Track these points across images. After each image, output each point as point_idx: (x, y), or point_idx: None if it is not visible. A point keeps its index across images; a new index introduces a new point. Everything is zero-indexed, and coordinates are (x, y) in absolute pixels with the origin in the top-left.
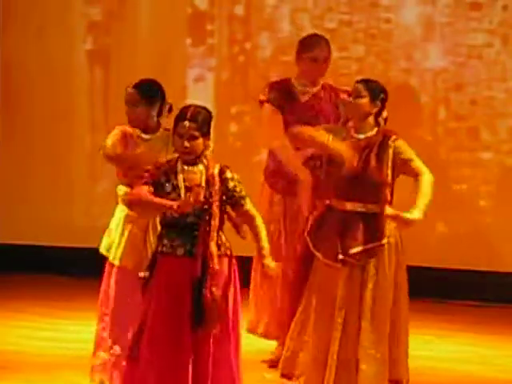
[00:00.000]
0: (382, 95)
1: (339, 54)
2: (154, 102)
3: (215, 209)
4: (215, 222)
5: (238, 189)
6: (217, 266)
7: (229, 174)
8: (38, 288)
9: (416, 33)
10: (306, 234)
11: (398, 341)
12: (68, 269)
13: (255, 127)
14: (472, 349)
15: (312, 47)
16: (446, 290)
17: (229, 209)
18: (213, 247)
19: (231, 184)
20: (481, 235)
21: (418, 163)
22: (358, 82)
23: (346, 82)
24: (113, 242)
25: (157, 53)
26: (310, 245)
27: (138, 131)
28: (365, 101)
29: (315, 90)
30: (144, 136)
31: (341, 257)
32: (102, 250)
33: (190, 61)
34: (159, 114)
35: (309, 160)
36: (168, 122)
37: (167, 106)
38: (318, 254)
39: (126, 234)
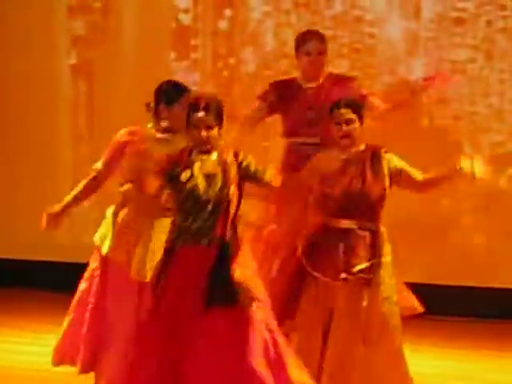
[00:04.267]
0: (362, 110)
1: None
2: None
3: (232, 195)
4: (232, 208)
5: (251, 166)
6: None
7: (241, 156)
8: (20, 302)
9: (400, 48)
10: (300, 253)
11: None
12: (51, 283)
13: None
14: (448, 363)
15: (305, 41)
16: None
17: (249, 185)
18: (234, 231)
19: (244, 163)
20: (462, 250)
21: (412, 170)
22: (342, 106)
23: None
24: (105, 232)
25: (140, 67)
26: (307, 265)
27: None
28: (355, 126)
29: (318, 83)
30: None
31: (344, 275)
32: (96, 239)
33: (173, 75)
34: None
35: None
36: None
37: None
38: (318, 274)
39: (116, 226)
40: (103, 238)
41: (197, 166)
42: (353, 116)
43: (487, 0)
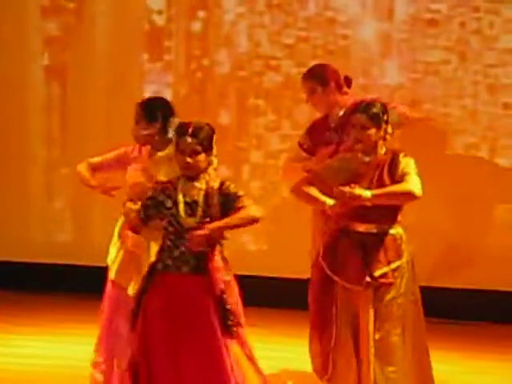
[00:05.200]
0: (384, 117)
1: (297, 70)
2: (154, 121)
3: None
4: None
5: (233, 191)
6: (227, 278)
7: (227, 184)
8: None
9: (373, 49)
10: (320, 258)
11: (421, 365)
12: (23, 284)
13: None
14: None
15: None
16: None
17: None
18: (218, 261)
19: (227, 191)
20: (438, 252)
21: (411, 178)
22: (359, 111)
23: (304, 98)
24: (114, 255)
25: (114, 68)
26: (327, 269)
27: (148, 148)
28: (371, 131)
29: (340, 115)
30: (153, 153)
31: (368, 279)
32: (108, 261)
33: (147, 77)
34: (164, 132)
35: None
36: None
37: (174, 123)
38: (337, 278)
39: (122, 250)
40: (112, 261)
41: (180, 192)
42: (367, 122)
43: (460, 1)
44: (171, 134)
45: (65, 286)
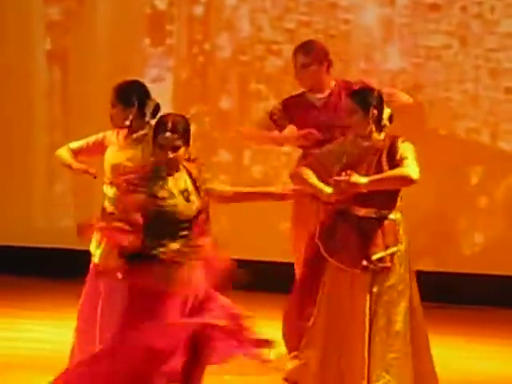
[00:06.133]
0: (373, 103)
1: None
2: (130, 105)
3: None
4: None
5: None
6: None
7: (203, 170)
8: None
9: (375, 34)
10: (316, 238)
11: (420, 351)
12: (24, 269)
13: (214, 127)
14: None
15: (293, 55)
16: None
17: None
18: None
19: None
20: (438, 235)
21: (408, 162)
22: (348, 94)
23: None
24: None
25: (116, 53)
26: (323, 250)
27: (124, 132)
28: (357, 116)
29: (325, 93)
30: (132, 136)
31: (365, 263)
32: (91, 248)
33: (148, 61)
34: (141, 115)
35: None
36: None
37: (150, 106)
38: (332, 260)
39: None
40: (96, 247)
41: (171, 183)
42: (354, 106)
43: None
44: (148, 116)
45: (70, 271)
